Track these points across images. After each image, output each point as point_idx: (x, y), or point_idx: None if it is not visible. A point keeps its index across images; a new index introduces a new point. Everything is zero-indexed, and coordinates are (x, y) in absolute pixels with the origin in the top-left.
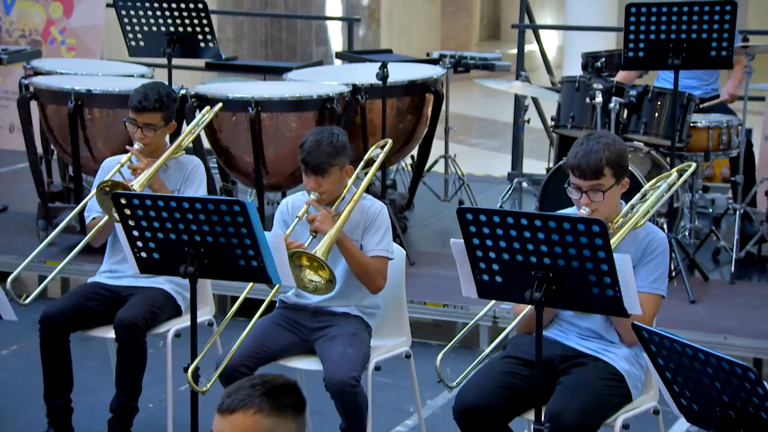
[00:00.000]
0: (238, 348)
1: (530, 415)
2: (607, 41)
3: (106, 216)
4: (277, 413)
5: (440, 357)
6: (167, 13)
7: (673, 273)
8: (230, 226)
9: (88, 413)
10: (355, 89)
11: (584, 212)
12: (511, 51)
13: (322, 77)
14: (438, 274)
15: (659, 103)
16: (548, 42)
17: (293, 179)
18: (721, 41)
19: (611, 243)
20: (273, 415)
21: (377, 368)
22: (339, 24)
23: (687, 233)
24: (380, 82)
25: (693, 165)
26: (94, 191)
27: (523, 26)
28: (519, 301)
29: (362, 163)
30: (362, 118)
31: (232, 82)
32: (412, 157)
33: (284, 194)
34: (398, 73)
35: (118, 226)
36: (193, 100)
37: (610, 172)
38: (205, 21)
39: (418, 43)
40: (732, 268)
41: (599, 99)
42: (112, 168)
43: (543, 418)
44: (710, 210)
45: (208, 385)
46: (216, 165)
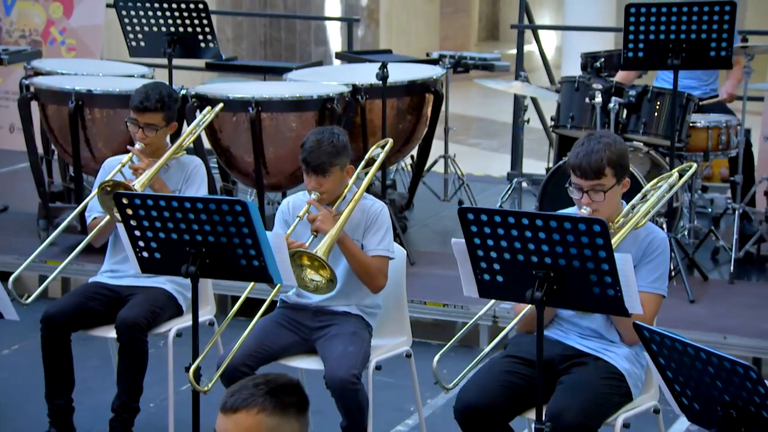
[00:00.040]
0: (240, 348)
1: (531, 415)
2: (606, 41)
3: (107, 216)
4: (280, 412)
5: (437, 359)
6: (168, 14)
7: (673, 273)
8: (232, 226)
9: (89, 413)
10: (355, 89)
11: (585, 212)
12: (510, 51)
13: (322, 77)
14: (438, 274)
15: (658, 103)
16: (546, 42)
17: (293, 179)
18: (721, 41)
19: (612, 243)
20: (276, 415)
21: (378, 368)
22: (338, 24)
23: (686, 233)
24: (380, 83)
25: (694, 166)
26: (96, 191)
27: (523, 26)
28: (520, 301)
29: (363, 163)
30: (362, 118)
31: (233, 83)
32: (412, 157)
33: (284, 194)
34: (398, 74)
35: (120, 226)
36: (194, 101)
37: (611, 172)
38: (206, 21)
39: (417, 44)
40: (731, 268)
41: (599, 99)
42: (114, 168)
43: (544, 418)
44: (709, 210)
45: (210, 385)
46: (216, 165)
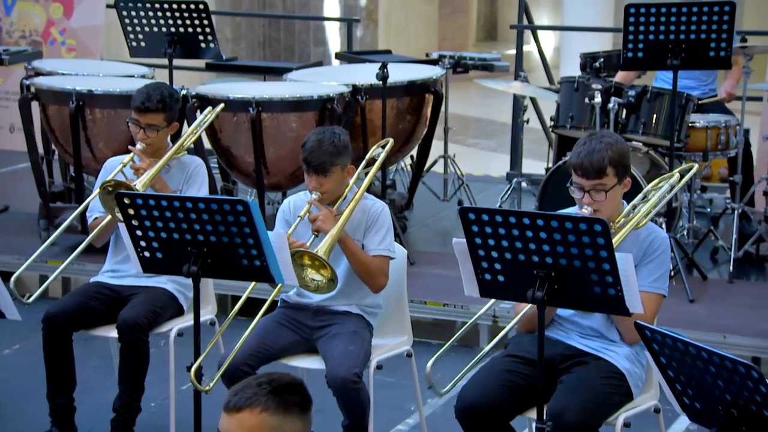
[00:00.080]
0: (241, 347)
1: (531, 414)
2: (604, 42)
3: (109, 216)
4: (284, 411)
5: (430, 364)
6: (168, 14)
7: (672, 272)
8: (233, 226)
9: (91, 412)
10: (355, 89)
11: (586, 212)
12: (508, 52)
13: (322, 78)
14: (438, 274)
15: (658, 104)
16: (545, 42)
17: (294, 179)
18: (720, 42)
19: (613, 242)
20: (279, 414)
21: (379, 367)
22: (337, 25)
23: (685, 233)
24: (380, 83)
25: (695, 166)
26: (97, 191)
27: (522, 27)
28: (521, 301)
29: (364, 163)
30: (362, 119)
31: (233, 83)
32: (412, 157)
33: (284, 194)
34: (398, 74)
35: (122, 226)
36: (194, 101)
37: (613, 172)
38: (206, 21)
39: (416, 44)
40: (730, 268)
41: (598, 99)
42: (115, 168)
43: (545, 417)
44: (708, 210)
45: (211, 384)
46: (216, 165)
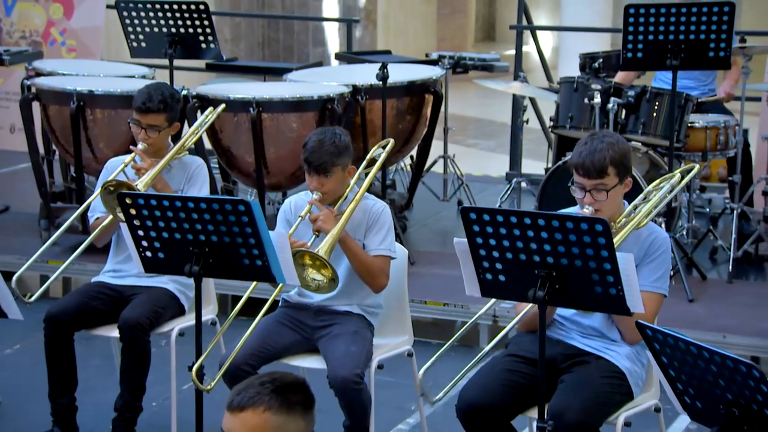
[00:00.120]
0: (242, 347)
1: (532, 413)
2: (602, 42)
3: (110, 216)
4: (287, 411)
5: (422, 372)
6: (168, 15)
7: (672, 272)
8: (235, 226)
9: (92, 412)
10: (356, 90)
11: (587, 211)
12: (506, 52)
13: (322, 78)
14: (438, 273)
15: (657, 104)
16: (543, 43)
17: (294, 179)
18: (719, 42)
19: (614, 242)
20: (282, 413)
21: (380, 367)
22: (335, 25)
23: (684, 233)
24: (380, 83)
25: (696, 166)
26: (99, 191)
27: (521, 27)
28: (522, 300)
29: (365, 163)
30: (362, 119)
31: (233, 83)
32: (412, 158)
33: (285, 194)
34: (398, 74)
35: (124, 226)
36: (195, 101)
37: (614, 172)
38: (206, 22)
39: (415, 44)
40: (729, 267)
41: (598, 99)
42: (116, 168)
43: (545, 416)
44: (707, 210)
45: (212, 384)
46: (217, 165)
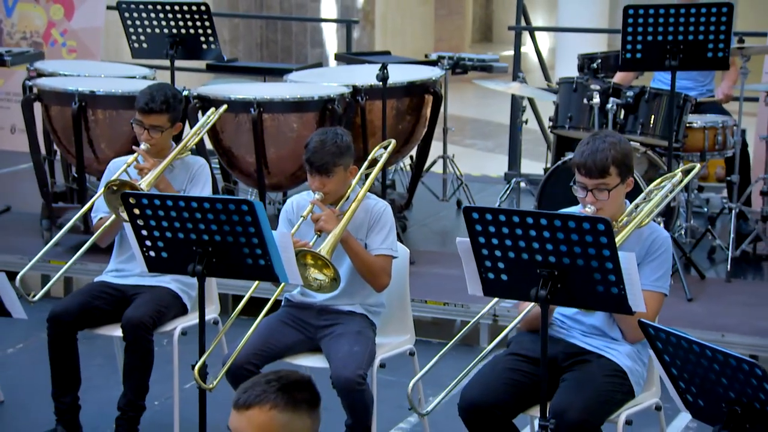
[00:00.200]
0: (245, 346)
1: (534, 412)
2: (599, 42)
3: (113, 216)
4: (292, 408)
5: (411, 385)
6: (170, 15)
7: (671, 271)
8: (238, 225)
9: (95, 411)
10: (356, 90)
11: (589, 211)
12: (504, 53)
13: (323, 78)
14: (438, 273)
15: (656, 104)
16: (540, 43)
17: (294, 179)
18: (718, 43)
19: (616, 241)
20: (288, 411)
21: (382, 365)
22: (333, 26)
23: (683, 232)
24: (380, 84)
25: (698, 166)
26: (102, 191)
27: (520, 28)
28: (524, 300)
29: (366, 163)
30: (362, 119)
31: (234, 84)
32: (411, 158)
33: (285, 194)
34: (398, 75)
35: (127, 226)
36: (196, 102)
37: (616, 171)
38: (207, 23)
39: (413, 45)
40: (728, 267)
41: (596, 100)
42: (119, 168)
43: (547, 415)
44: (705, 209)
45: (215, 383)
46: (218, 165)
